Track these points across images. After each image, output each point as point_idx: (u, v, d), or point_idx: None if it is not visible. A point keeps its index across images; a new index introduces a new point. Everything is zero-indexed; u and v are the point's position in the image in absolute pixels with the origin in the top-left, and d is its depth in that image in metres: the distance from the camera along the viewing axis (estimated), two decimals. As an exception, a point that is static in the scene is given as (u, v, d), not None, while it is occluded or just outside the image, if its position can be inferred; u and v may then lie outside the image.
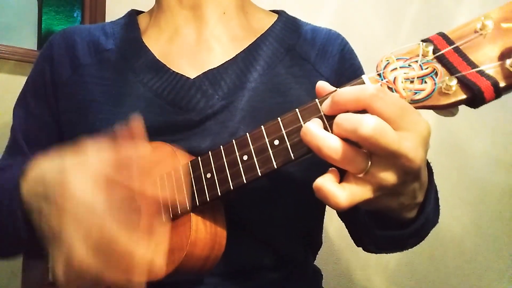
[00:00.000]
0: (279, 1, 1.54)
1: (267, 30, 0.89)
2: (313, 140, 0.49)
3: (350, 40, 0.94)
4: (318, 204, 0.86)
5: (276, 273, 0.80)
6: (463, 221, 1.50)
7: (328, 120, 0.52)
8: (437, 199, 0.71)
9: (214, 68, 0.82)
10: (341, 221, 0.91)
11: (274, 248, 0.79)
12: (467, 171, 1.51)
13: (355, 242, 0.89)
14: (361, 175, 0.49)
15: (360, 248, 0.87)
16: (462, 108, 0.54)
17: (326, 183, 0.49)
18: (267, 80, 0.82)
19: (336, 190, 0.48)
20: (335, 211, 0.91)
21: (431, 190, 0.61)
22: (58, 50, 0.89)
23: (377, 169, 0.48)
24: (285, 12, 0.95)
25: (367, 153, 0.49)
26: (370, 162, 0.48)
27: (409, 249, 0.73)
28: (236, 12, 0.90)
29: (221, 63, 0.83)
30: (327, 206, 0.90)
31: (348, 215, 0.88)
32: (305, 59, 0.86)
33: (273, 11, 0.97)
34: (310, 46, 0.88)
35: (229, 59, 0.83)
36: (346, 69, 0.88)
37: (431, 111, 0.53)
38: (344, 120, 0.48)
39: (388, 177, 0.48)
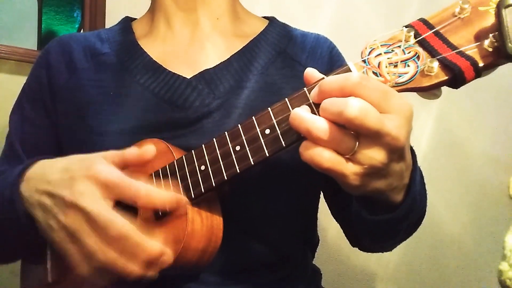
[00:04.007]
0: (279, 2, 1.55)
1: (259, 34, 0.91)
2: (302, 124, 0.51)
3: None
4: (312, 197, 0.87)
5: (276, 272, 0.81)
6: (463, 221, 1.50)
7: (317, 108, 0.54)
8: (423, 183, 0.73)
9: (210, 68, 0.84)
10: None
11: (272, 246, 0.79)
12: (467, 171, 1.51)
13: (350, 242, 0.90)
14: (349, 155, 0.51)
15: (361, 247, 0.88)
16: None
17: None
18: (261, 80, 0.84)
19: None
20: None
21: (416, 171, 0.63)
22: (54, 56, 0.90)
23: (364, 148, 0.50)
24: (275, 19, 0.98)
25: (354, 134, 0.51)
26: (357, 142, 0.50)
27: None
28: (229, 18, 0.93)
29: (216, 64, 0.85)
30: (319, 203, 0.91)
31: (342, 211, 0.89)
32: (296, 60, 0.89)
33: (264, 17, 0.99)
34: (300, 49, 0.91)
35: (223, 60, 0.85)
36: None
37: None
38: (330, 105, 0.50)
39: (376, 155, 0.50)
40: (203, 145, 0.65)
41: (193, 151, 0.66)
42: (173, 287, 0.75)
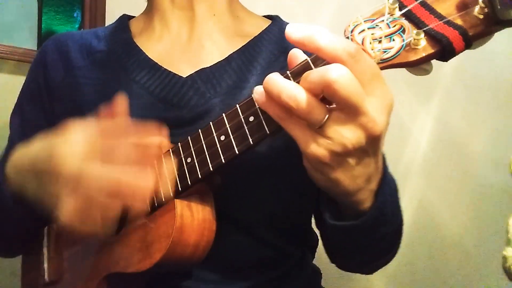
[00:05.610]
0: (279, 2, 1.56)
1: (261, 33, 0.89)
2: (275, 87, 0.50)
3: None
4: (307, 194, 0.86)
5: (274, 270, 0.80)
6: (463, 221, 1.49)
7: None
8: (396, 199, 0.70)
9: (207, 67, 0.83)
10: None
11: (269, 243, 0.79)
12: (467, 171, 1.50)
13: (329, 258, 0.85)
14: (318, 127, 0.50)
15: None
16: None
17: None
18: (261, 81, 0.82)
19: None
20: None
21: (385, 183, 0.61)
22: (51, 55, 0.90)
23: (336, 122, 0.49)
24: (279, 17, 0.95)
25: (327, 107, 0.49)
26: (327, 115, 0.49)
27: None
28: (226, 15, 0.91)
29: (214, 62, 0.83)
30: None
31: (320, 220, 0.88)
32: None
33: (268, 16, 0.97)
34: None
35: (222, 59, 0.84)
36: None
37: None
38: (311, 72, 0.49)
39: (348, 133, 0.49)
40: (188, 137, 0.65)
41: (179, 143, 0.66)
42: (171, 285, 0.74)
